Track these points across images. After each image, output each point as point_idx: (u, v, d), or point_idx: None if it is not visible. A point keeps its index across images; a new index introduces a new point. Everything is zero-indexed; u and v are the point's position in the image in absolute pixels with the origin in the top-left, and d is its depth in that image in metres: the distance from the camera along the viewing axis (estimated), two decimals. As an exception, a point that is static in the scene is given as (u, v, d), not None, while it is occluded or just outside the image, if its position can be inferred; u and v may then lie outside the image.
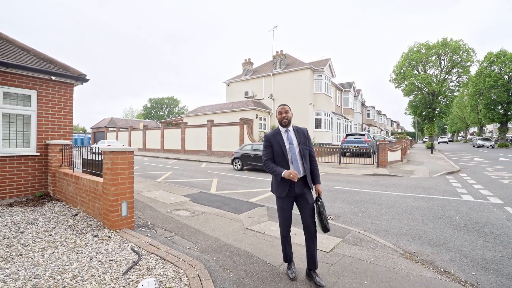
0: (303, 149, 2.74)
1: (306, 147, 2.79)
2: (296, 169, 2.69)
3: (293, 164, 2.71)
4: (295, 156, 2.71)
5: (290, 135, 2.77)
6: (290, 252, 2.91)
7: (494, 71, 33.17)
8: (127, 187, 3.94)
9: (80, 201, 4.88)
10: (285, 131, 2.79)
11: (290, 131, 2.80)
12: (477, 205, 6.07)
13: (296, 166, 2.70)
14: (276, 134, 2.80)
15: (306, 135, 2.86)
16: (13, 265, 2.76)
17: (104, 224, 3.99)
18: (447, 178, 10.02)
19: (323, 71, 22.42)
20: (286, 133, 2.78)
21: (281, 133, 2.78)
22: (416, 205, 6.07)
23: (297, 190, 2.70)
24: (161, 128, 26.07)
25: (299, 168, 2.70)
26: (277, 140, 2.75)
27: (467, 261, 3.36)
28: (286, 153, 2.70)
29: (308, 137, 2.87)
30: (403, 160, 17.17)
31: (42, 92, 6.04)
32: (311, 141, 2.90)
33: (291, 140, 2.75)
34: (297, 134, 2.79)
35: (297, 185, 2.69)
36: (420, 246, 3.85)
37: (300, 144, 2.75)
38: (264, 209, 5.68)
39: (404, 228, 4.58)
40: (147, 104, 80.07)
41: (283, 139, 2.74)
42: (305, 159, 2.74)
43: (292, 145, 2.73)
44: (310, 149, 2.84)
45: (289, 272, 2.82)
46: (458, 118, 60.17)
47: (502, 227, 4.54)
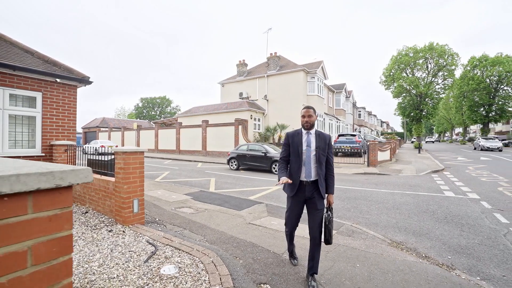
0: (320, 154, 2.72)
1: (324, 153, 2.76)
2: (307, 172, 2.71)
3: (305, 166, 2.72)
4: (309, 159, 2.72)
5: (310, 138, 2.77)
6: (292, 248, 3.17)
7: (477, 75, 34.61)
8: (138, 185, 4.23)
9: (89, 199, 5.12)
10: (306, 133, 2.80)
11: (311, 134, 2.80)
12: (457, 200, 6.62)
13: (308, 169, 2.71)
14: (297, 134, 2.84)
15: (327, 142, 2.82)
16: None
17: (116, 220, 4.27)
18: (432, 176, 10.64)
19: (316, 73, 22.97)
20: (307, 135, 2.79)
21: (302, 134, 2.81)
22: (403, 201, 6.56)
23: (307, 193, 2.73)
24: (155, 128, 26.10)
25: (311, 171, 2.71)
26: (296, 140, 2.79)
27: (445, 247, 3.81)
28: (301, 154, 2.73)
29: (329, 144, 2.84)
30: (392, 159, 17.87)
31: (47, 94, 6.22)
32: (331, 149, 2.89)
33: (310, 143, 2.75)
34: (317, 138, 2.77)
35: (307, 188, 2.72)
36: (405, 236, 4.29)
37: (318, 148, 2.73)
38: (263, 206, 6.04)
39: (391, 221, 5.02)
40: (139, 103, 79.23)
41: (301, 140, 2.77)
42: (320, 165, 2.72)
43: (309, 147, 2.74)
44: (329, 156, 2.80)
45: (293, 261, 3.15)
46: (444, 119, 62.19)
47: (477, 219, 5.06)
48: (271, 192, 7.82)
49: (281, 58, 25.62)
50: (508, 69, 32.07)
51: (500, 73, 32.87)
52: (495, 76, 33.68)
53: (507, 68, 32.13)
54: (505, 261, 3.39)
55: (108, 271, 2.71)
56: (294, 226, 2.90)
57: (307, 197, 2.74)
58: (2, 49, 6.12)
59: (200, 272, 2.69)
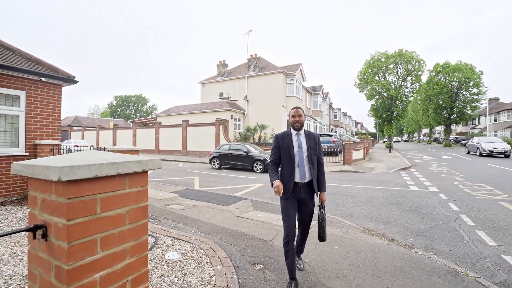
0: (311, 154, 2.70)
1: (315, 153, 2.76)
2: (302, 173, 2.66)
3: (299, 168, 2.67)
4: (302, 160, 2.67)
5: (300, 139, 2.73)
6: (294, 266, 2.60)
7: (441, 80, 37.55)
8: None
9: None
10: (296, 134, 2.75)
11: (301, 134, 2.76)
12: (420, 193, 7.48)
13: (302, 171, 2.67)
14: (286, 135, 2.76)
15: (317, 141, 2.81)
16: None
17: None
18: (400, 173, 11.67)
19: (295, 75, 23.77)
20: (297, 136, 2.75)
21: (292, 136, 2.75)
22: (374, 195, 7.28)
23: (302, 195, 2.68)
24: (133, 127, 25.49)
25: (305, 173, 2.67)
26: (286, 142, 2.72)
27: (408, 232, 4.47)
28: (293, 156, 2.66)
29: (318, 143, 2.83)
30: (365, 158, 19.07)
31: (30, 93, 6.15)
32: (321, 148, 2.87)
33: (301, 144, 2.71)
34: (307, 138, 2.75)
35: (302, 190, 2.68)
36: (375, 224, 4.91)
37: (309, 149, 2.70)
38: (249, 201, 6.44)
39: (364, 212, 5.66)
40: (113, 102, 76.03)
41: (292, 142, 2.71)
42: (313, 165, 2.70)
43: (301, 149, 2.69)
44: (319, 155, 2.80)
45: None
46: (413, 121, 66.45)
47: (434, 208, 5.85)
48: (255, 189, 8.24)
49: (261, 60, 26.16)
50: (466, 75, 35.18)
51: (460, 79, 35.98)
52: (455, 82, 36.78)
53: (465, 75, 35.23)
54: (452, 239, 4.09)
55: (115, 259, 2.98)
56: (294, 227, 2.61)
57: (301, 198, 2.69)
58: (-19, 46, 5.96)
59: (201, 256, 3.05)
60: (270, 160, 2.80)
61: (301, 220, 2.82)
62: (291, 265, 2.58)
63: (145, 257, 1.19)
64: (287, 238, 2.58)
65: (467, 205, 6.09)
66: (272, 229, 4.39)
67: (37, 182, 0.99)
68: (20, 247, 3.30)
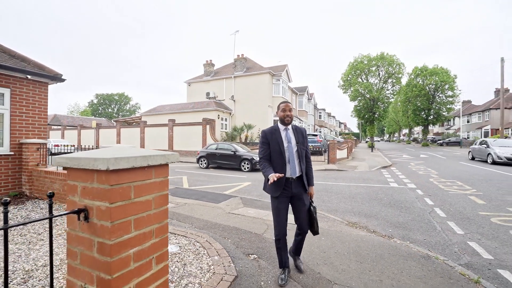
0: (300, 149, 2.69)
1: (304, 148, 2.74)
2: (293, 168, 2.63)
3: (290, 163, 2.63)
4: (292, 156, 2.64)
5: (289, 134, 2.69)
6: (286, 258, 2.73)
7: (419, 83, 39.36)
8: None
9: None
10: (284, 129, 2.70)
11: (289, 129, 2.72)
12: (399, 189, 7.98)
13: (293, 166, 2.63)
14: (274, 131, 2.71)
15: (304, 135, 2.79)
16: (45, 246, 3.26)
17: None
18: (381, 171, 12.27)
19: (281, 76, 24.16)
20: (285, 131, 2.70)
21: (280, 131, 2.69)
22: (357, 192, 7.69)
23: (294, 190, 2.64)
24: (117, 127, 24.91)
25: (296, 168, 2.64)
26: (275, 137, 2.66)
27: (388, 224, 4.84)
28: (283, 152, 2.63)
29: (306, 137, 2.81)
30: (349, 157, 19.75)
31: (15, 91, 6.03)
32: (307, 142, 2.87)
33: (290, 139, 2.67)
34: (295, 133, 2.72)
35: (294, 185, 2.65)
36: (358, 218, 5.26)
37: (298, 143, 2.68)
38: (238, 199, 6.63)
39: (348, 208, 6.01)
40: (93, 100, 73.48)
41: (281, 137, 2.66)
42: (302, 160, 2.69)
43: (290, 144, 2.66)
44: (307, 150, 2.80)
45: (280, 278, 2.66)
46: (394, 121, 69.10)
47: (412, 203, 6.32)
48: (243, 187, 8.45)
49: (248, 60, 26.35)
50: (442, 79, 37.11)
51: (436, 82, 37.89)
52: (432, 85, 38.68)
53: (441, 78, 37.16)
54: (427, 230, 4.50)
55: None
56: (284, 226, 2.65)
57: (293, 194, 2.65)
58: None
59: (198, 248, 3.22)
60: (261, 157, 2.69)
61: (299, 217, 2.71)
62: (283, 259, 2.69)
63: (166, 238, 1.38)
64: (278, 236, 2.62)
65: (440, 199, 6.61)
66: (263, 223, 4.62)
67: (78, 172, 1.15)
68: (16, 244, 3.33)
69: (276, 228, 2.64)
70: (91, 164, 1.05)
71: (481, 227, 4.60)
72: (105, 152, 1.15)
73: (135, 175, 1.17)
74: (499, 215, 5.22)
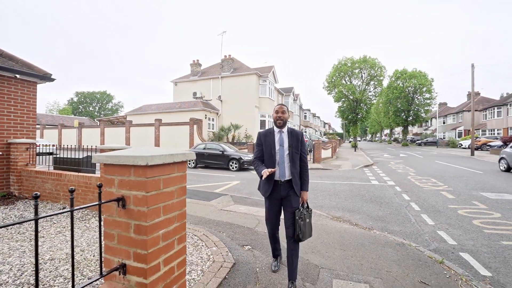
0: (293, 152, 2.67)
1: (298, 151, 2.71)
2: (281, 171, 2.64)
3: (279, 166, 2.65)
4: (282, 159, 2.65)
5: (283, 137, 2.71)
6: (279, 249, 3.05)
7: (399, 85, 41.13)
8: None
9: (64, 196, 5.27)
10: (278, 132, 2.73)
11: (283, 132, 2.72)
12: (380, 186, 8.54)
13: (282, 169, 2.64)
14: (268, 133, 2.76)
15: (300, 139, 2.75)
16: (51, 242, 3.40)
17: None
18: (363, 170, 12.91)
19: (267, 77, 24.55)
20: (279, 134, 2.72)
21: (274, 133, 2.73)
22: (341, 189, 8.16)
23: (282, 192, 2.65)
24: (101, 126, 24.35)
25: (285, 171, 2.64)
26: (268, 140, 2.71)
27: (369, 218, 5.28)
28: (274, 154, 2.66)
29: (302, 141, 2.78)
30: (333, 156, 20.45)
31: (3, 90, 5.97)
32: (305, 146, 2.82)
33: (282, 142, 2.69)
34: (290, 136, 2.71)
35: (282, 187, 2.65)
36: (342, 213, 5.67)
37: (291, 147, 2.67)
38: (229, 197, 6.89)
39: (332, 204, 6.43)
40: (73, 98, 70.84)
41: (274, 140, 2.70)
42: (294, 163, 2.66)
43: (282, 147, 2.67)
44: (302, 153, 2.75)
45: (273, 265, 2.97)
46: (376, 122, 71.51)
47: (390, 198, 6.84)
48: (232, 186, 8.71)
49: (235, 61, 26.55)
50: (420, 82, 39.01)
51: (415, 85, 39.77)
52: (411, 87, 40.57)
53: (420, 81, 39.05)
54: (403, 222, 4.97)
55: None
56: (276, 225, 2.82)
57: (282, 196, 2.67)
58: None
59: (197, 241, 3.47)
60: (255, 157, 2.80)
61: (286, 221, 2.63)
62: (276, 248, 3.02)
63: (184, 223, 1.64)
64: (270, 232, 2.90)
65: (416, 195, 7.18)
66: (254, 219, 4.91)
67: (116, 168, 1.39)
68: (17, 242, 3.43)
69: (268, 226, 2.87)
70: (132, 160, 1.29)
71: (449, 218, 5.14)
72: (140, 151, 1.40)
73: (164, 170, 1.43)
74: (465, 208, 5.81)
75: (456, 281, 2.77)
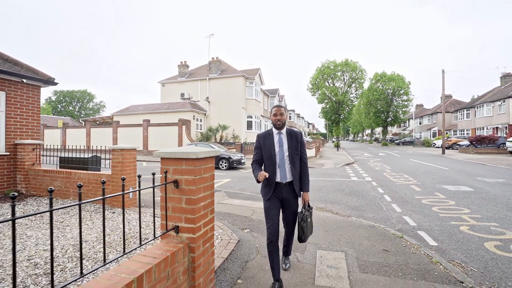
0: (293, 154, 2.66)
1: (297, 152, 2.70)
2: (283, 173, 2.63)
3: (280, 168, 2.64)
4: (283, 161, 2.64)
5: (282, 138, 2.69)
6: (279, 267, 2.60)
7: (379, 87, 43.24)
8: (132, 176, 5.24)
9: (74, 192, 5.73)
10: (277, 133, 2.71)
11: (282, 133, 2.71)
12: (358, 182, 9.50)
13: (283, 171, 2.63)
14: (268, 135, 2.73)
15: (299, 140, 2.74)
16: (77, 229, 3.93)
17: (113, 205, 5.17)
18: (345, 168, 13.94)
19: (254, 79, 25.29)
20: (278, 135, 2.70)
21: (273, 135, 2.72)
22: (324, 185, 9.03)
23: (284, 195, 2.64)
24: (87, 126, 24.10)
25: (286, 173, 2.63)
26: (268, 142, 2.70)
27: (347, 208, 6.13)
28: (274, 156, 2.64)
29: (301, 141, 2.76)
30: (317, 155, 21.50)
31: (10, 94, 6.31)
32: (304, 146, 2.80)
33: (282, 143, 2.67)
34: (289, 137, 2.70)
35: (284, 190, 2.63)
36: (325, 204, 6.49)
37: (291, 148, 2.66)
38: (223, 192, 7.54)
39: (316, 197, 7.24)
40: (52, 97, 68.28)
41: (273, 142, 2.68)
42: (294, 165, 2.65)
43: (281, 148, 2.66)
44: (302, 154, 2.74)
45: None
46: (358, 122, 74.21)
47: (367, 192, 7.78)
48: (224, 183, 9.35)
49: (222, 63, 27.09)
50: (399, 84, 41.25)
51: (394, 87, 42.01)
52: (390, 90, 42.79)
53: (398, 84, 41.29)
54: (376, 210, 5.85)
55: (135, 232, 3.87)
56: (276, 229, 2.58)
57: (283, 198, 2.65)
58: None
59: (204, 226, 4.13)
60: (254, 160, 2.76)
61: (285, 219, 2.76)
62: (275, 267, 2.56)
63: (213, 200, 2.32)
64: (270, 238, 2.55)
65: (389, 188, 8.16)
66: (249, 209, 5.61)
67: (170, 160, 2.05)
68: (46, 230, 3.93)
69: (268, 229, 2.59)
70: (185, 155, 1.95)
71: (414, 206, 6.08)
72: (189, 148, 2.07)
73: (204, 162, 2.10)
74: (428, 198, 6.81)
75: (409, 249, 3.61)
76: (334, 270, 2.99)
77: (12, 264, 1.23)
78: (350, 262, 3.22)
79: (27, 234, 3.72)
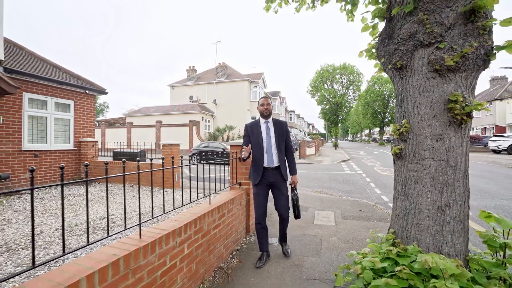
0: (279, 140, 2.83)
1: (283, 139, 2.88)
2: (270, 158, 2.83)
3: (267, 153, 2.83)
4: (270, 147, 2.82)
5: (269, 126, 2.88)
6: (266, 242, 2.92)
7: (376, 89, 45.02)
8: (177, 164, 7.01)
9: (129, 178, 7.49)
10: (264, 122, 2.89)
11: (269, 122, 2.90)
12: (351, 174, 11.27)
13: (270, 156, 2.82)
14: (255, 124, 2.93)
15: (284, 128, 2.92)
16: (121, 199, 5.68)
17: (165, 187, 6.93)
18: (341, 164, 15.71)
19: (258, 83, 27.08)
20: (265, 124, 2.89)
21: (260, 124, 2.90)
22: (322, 176, 10.79)
23: (271, 179, 2.83)
24: (102, 127, 25.85)
25: (273, 158, 2.82)
26: (255, 130, 2.88)
27: (340, 191, 7.88)
28: (262, 143, 2.83)
29: (286, 130, 2.94)
30: (316, 154, 23.27)
31: (77, 102, 8.07)
32: (289, 134, 2.99)
33: (269, 131, 2.86)
34: (275, 126, 2.88)
35: (271, 174, 2.83)
36: (322, 189, 8.24)
37: (277, 136, 2.83)
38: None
39: (315, 185, 9.00)
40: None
41: (260, 129, 2.87)
42: (280, 151, 2.84)
43: (269, 135, 2.84)
44: (288, 141, 2.93)
45: (258, 263, 2.84)
46: (356, 123, 76.02)
47: (357, 181, 9.55)
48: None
49: (228, 68, 28.87)
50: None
51: (390, 89, 43.78)
52: (387, 91, 44.57)
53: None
54: (362, 193, 7.62)
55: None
56: (264, 211, 2.88)
57: (271, 182, 2.84)
58: (38, 65, 7.68)
59: (237, 198, 5.88)
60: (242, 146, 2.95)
61: (278, 204, 2.92)
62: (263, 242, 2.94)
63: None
64: (257, 219, 2.89)
65: (376, 179, 9.93)
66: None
67: (234, 146, 3.80)
68: (73, 206, 5.68)
69: (255, 212, 2.90)
70: (239, 143, 3.72)
71: (391, 189, 7.84)
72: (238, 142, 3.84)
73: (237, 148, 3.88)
74: (404, 184, 8.56)
75: (378, 210, 5.37)
76: (326, 218, 4.76)
77: (61, 224, 2.92)
78: (337, 215, 4.98)
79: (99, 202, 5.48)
